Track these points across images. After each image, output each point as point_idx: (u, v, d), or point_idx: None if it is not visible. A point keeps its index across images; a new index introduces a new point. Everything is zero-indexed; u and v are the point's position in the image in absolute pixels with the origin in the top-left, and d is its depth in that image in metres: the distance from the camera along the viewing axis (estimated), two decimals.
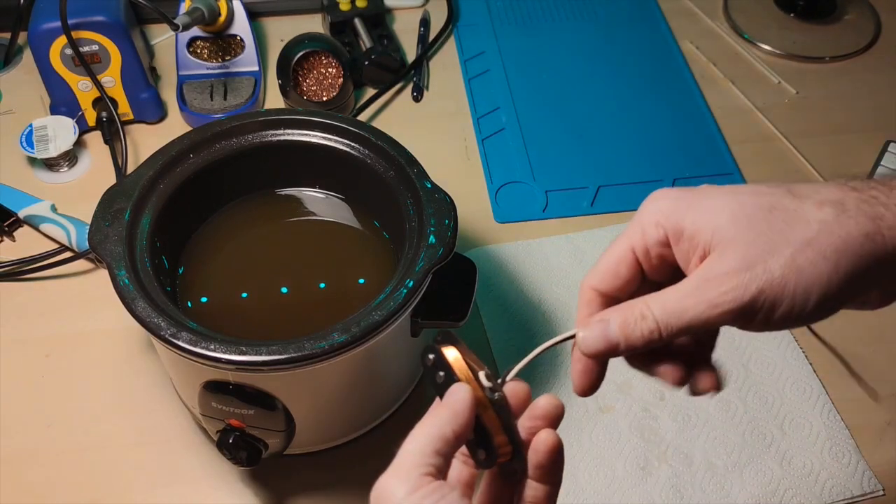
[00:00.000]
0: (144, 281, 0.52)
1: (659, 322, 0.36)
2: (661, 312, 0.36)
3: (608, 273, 0.39)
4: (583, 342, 0.38)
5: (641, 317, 0.36)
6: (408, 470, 0.35)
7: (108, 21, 0.76)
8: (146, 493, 0.59)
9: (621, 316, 0.37)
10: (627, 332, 0.37)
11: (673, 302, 0.36)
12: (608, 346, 0.37)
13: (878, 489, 0.61)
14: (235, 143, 0.60)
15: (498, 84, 0.90)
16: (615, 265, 0.39)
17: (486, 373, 0.38)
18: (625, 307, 0.37)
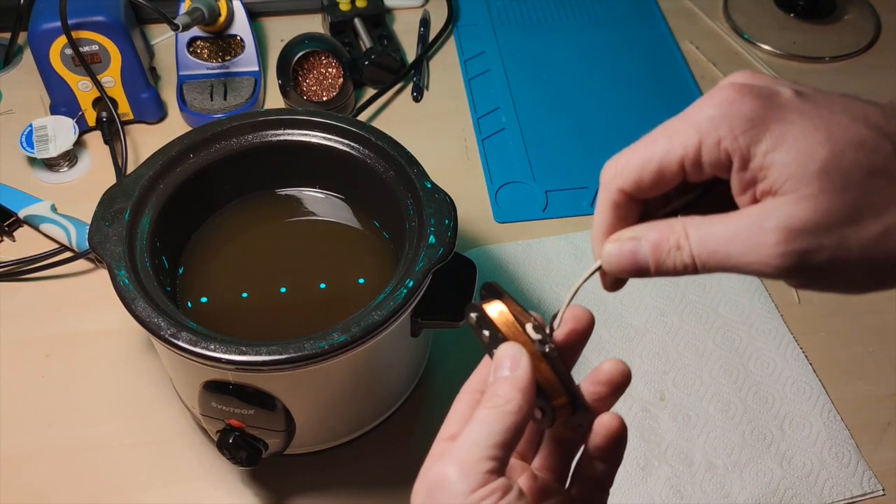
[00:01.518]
0: (144, 281, 0.52)
1: (696, 258, 0.31)
2: (701, 249, 0.31)
3: (645, 179, 0.33)
4: (608, 258, 0.34)
5: (677, 247, 0.32)
6: (473, 464, 0.32)
7: (108, 21, 0.76)
8: (146, 493, 0.59)
9: (656, 237, 0.32)
10: (659, 258, 0.32)
11: (717, 241, 0.31)
12: (636, 268, 0.33)
13: (878, 489, 0.61)
14: (235, 143, 0.60)
15: (498, 84, 0.90)
16: (655, 173, 0.32)
17: (533, 324, 0.35)
18: (661, 227, 0.32)
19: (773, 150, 0.30)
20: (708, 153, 0.31)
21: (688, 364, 0.67)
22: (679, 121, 0.32)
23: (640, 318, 0.70)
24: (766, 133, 0.30)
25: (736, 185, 0.31)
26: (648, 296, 0.71)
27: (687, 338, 0.69)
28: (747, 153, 0.30)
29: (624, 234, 0.33)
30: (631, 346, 0.68)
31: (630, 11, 1.00)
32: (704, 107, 0.31)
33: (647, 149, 0.32)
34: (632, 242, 0.33)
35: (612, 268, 0.34)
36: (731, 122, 0.30)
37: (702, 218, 0.32)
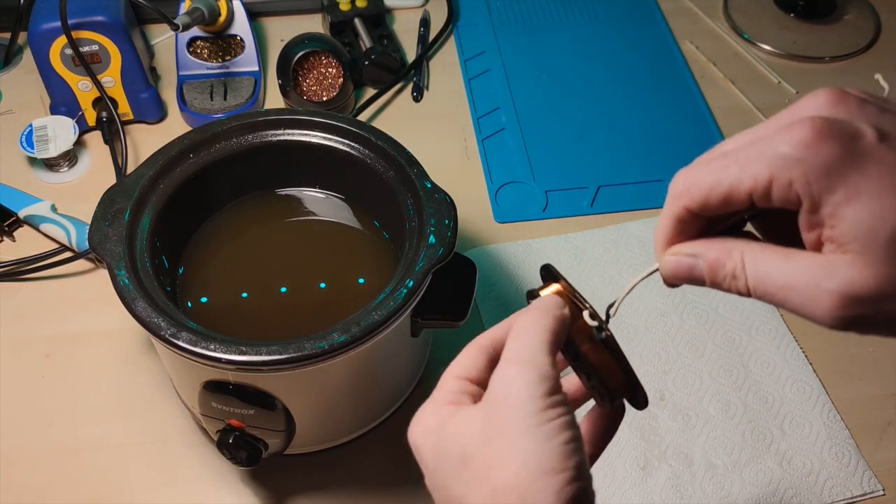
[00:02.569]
0: (144, 281, 0.52)
1: (751, 291, 0.31)
2: (757, 284, 0.31)
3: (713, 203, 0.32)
4: (666, 268, 0.35)
5: (733, 276, 0.32)
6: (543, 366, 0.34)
7: (108, 21, 0.76)
8: (146, 493, 0.59)
9: (713, 259, 0.33)
10: (715, 280, 0.33)
11: (774, 284, 0.31)
12: (692, 280, 0.34)
13: (878, 489, 0.61)
14: (235, 143, 0.60)
15: (498, 84, 0.90)
16: (723, 199, 0.32)
17: (590, 311, 0.37)
18: (719, 249, 0.32)
19: (846, 203, 0.29)
20: (778, 191, 0.30)
21: (688, 364, 0.67)
22: (753, 149, 0.31)
23: (641, 317, 0.70)
24: (840, 184, 0.29)
25: (804, 223, 0.31)
26: (648, 296, 0.71)
27: (687, 338, 0.69)
28: (819, 200, 0.29)
29: (684, 248, 0.34)
30: (631, 346, 0.68)
31: (630, 11, 1.00)
32: (780, 142, 0.30)
33: (718, 173, 0.32)
34: (690, 259, 0.33)
35: (668, 277, 0.35)
36: (805, 166, 0.29)
37: (761, 249, 0.32)
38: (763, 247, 0.32)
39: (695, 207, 0.33)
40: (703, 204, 0.32)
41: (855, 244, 0.29)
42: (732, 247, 0.32)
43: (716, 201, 0.32)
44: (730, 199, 0.31)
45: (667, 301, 0.71)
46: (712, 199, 0.32)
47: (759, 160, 0.30)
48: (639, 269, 0.72)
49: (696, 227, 0.34)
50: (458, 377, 0.37)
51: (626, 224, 0.77)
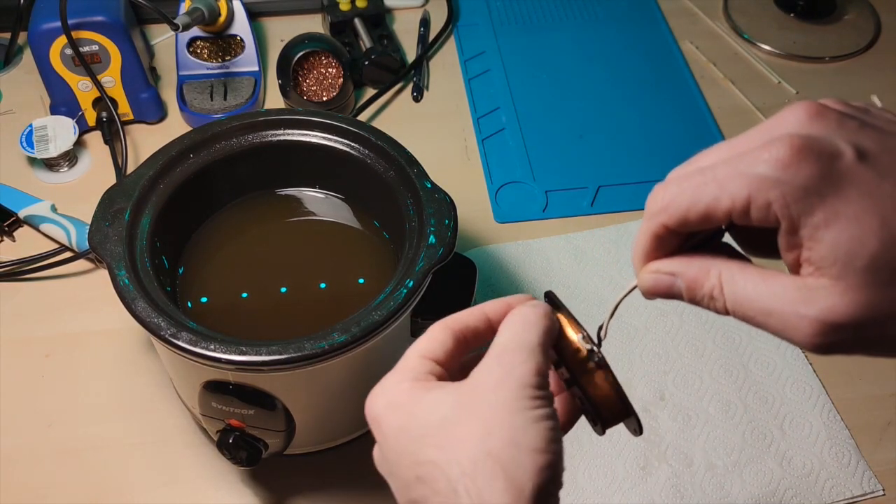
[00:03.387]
0: (144, 281, 0.52)
1: (730, 309, 0.32)
2: (735, 307, 0.31)
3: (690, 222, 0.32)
4: (644, 285, 0.35)
5: (710, 297, 0.32)
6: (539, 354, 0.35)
7: (108, 21, 0.76)
8: (146, 493, 0.59)
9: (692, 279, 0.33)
10: (693, 298, 0.33)
11: (753, 308, 0.31)
12: (670, 296, 0.34)
13: (878, 489, 0.61)
14: (235, 144, 0.60)
15: (498, 84, 0.90)
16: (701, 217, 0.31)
17: (583, 336, 0.38)
18: (698, 268, 0.33)
19: (824, 227, 0.29)
20: (757, 211, 0.30)
21: (688, 364, 0.67)
22: (730, 166, 0.31)
23: (640, 318, 0.70)
24: (819, 206, 0.29)
25: (783, 243, 0.30)
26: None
27: (687, 338, 0.69)
28: (797, 221, 0.29)
29: (662, 266, 0.34)
30: (631, 346, 0.68)
31: (630, 11, 1.00)
32: (758, 161, 0.30)
33: (695, 191, 0.31)
34: (668, 278, 0.34)
35: (647, 294, 0.35)
36: (783, 188, 0.29)
37: (739, 269, 0.32)
38: (741, 267, 0.32)
39: (673, 225, 0.32)
40: (681, 222, 0.32)
41: (833, 269, 0.29)
42: (711, 266, 0.32)
43: (694, 219, 0.32)
44: (708, 218, 0.31)
45: (666, 301, 0.70)
46: (691, 217, 0.32)
47: (737, 179, 0.30)
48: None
49: (675, 241, 0.34)
50: (423, 357, 0.37)
51: (626, 224, 0.77)
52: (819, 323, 0.29)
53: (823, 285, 0.29)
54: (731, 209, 0.30)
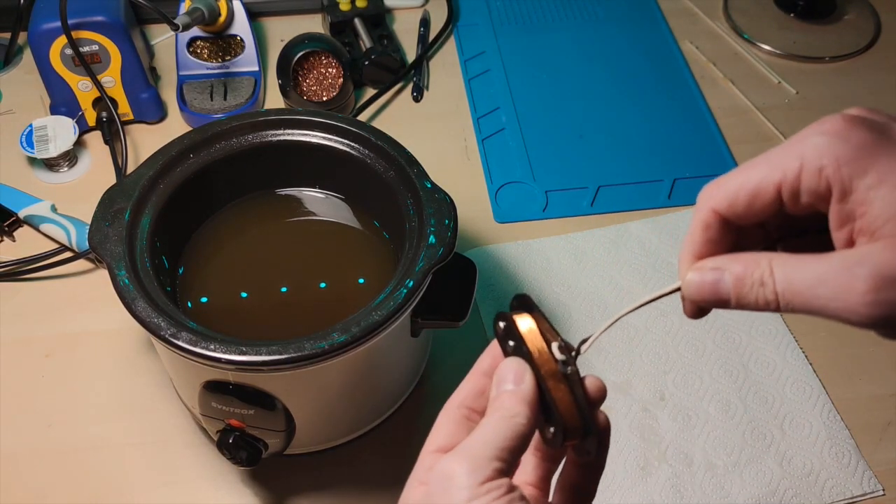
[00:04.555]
0: (144, 281, 0.52)
1: (780, 296, 0.30)
2: (785, 287, 0.30)
3: (740, 201, 0.31)
4: (688, 286, 0.33)
5: (761, 283, 0.30)
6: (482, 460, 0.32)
7: (108, 21, 0.76)
8: (146, 493, 0.59)
9: (740, 270, 0.31)
10: (741, 292, 0.31)
11: (803, 282, 0.29)
12: (717, 299, 0.32)
13: (878, 489, 0.61)
14: (235, 143, 0.60)
15: (498, 84, 0.90)
16: (750, 195, 0.31)
17: (559, 344, 0.36)
18: (746, 260, 0.31)
19: (878, 185, 0.28)
20: (807, 180, 0.29)
21: (688, 364, 0.67)
22: (783, 146, 0.31)
23: (640, 317, 0.70)
24: (872, 166, 0.28)
25: (834, 219, 0.30)
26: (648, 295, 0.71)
27: (687, 338, 0.69)
28: (849, 184, 0.28)
29: (708, 263, 0.32)
30: (631, 346, 0.68)
31: (630, 11, 1.00)
32: (811, 134, 0.30)
33: (747, 171, 0.31)
34: (715, 273, 0.32)
35: (691, 296, 0.33)
36: (836, 150, 0.29)
37: (790, 256, 0.30)
38: (793, 255, 0.30)
39: (722, 209, 0.32)
40: (730, 204, 0.31)
41: (888, 226, 0.28)
42: (760, 257, 0.31)
43: (744, 199, 0.31)
44: (758, 196, 0.30)
45: (667, 301, 0.70)
46: (740, 198, 0.31)
47: (789, 153, 0.30)
48: (639, 270, 0.73)
49: (725, 241, 0.33)
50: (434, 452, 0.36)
51: (626, 224, 0.77)
52: (873, 277, 0.27)
53: (878, 246, 0.28)
54: (783, 182, 0.30)
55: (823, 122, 0.30)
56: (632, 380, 0.66)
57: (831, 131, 0.29)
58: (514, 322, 0.36)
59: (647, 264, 0.73)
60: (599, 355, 0.67)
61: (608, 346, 0.68)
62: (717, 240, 0.33)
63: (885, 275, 0.28)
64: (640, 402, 0.65)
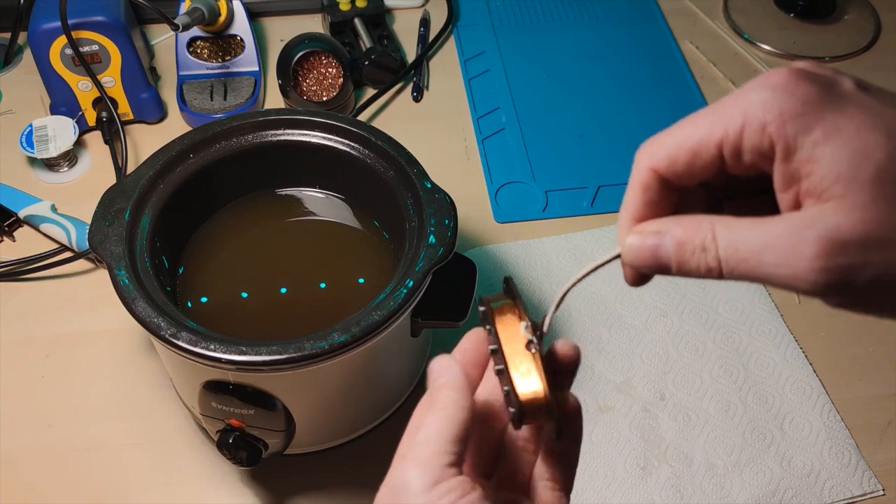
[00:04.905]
0: (144, 281, 0.52)
1: (723, 263, 0.28)
2: (729, 254, 0.28)
3: (680, 159, 0.29)
4: (629, 251, 0.31)
5: (703, 248, 0.28)
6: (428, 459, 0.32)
7: (108, 21, 0.76)
8: (146, 493, 0.59)
9: (682, 234, 0.29)
10: (682, 258, 0.29)
11: (748, 248, 0.27)
12: (657, 265, 0.30)
13: (878, 489, 0.61)
14: (235, 143, 0.60)
15: (498, 84, 0.90)
16: (691, 153, 0.29)
17: (526, 324, 0.36)
18: (688, 223, 0.29)
19: (824, 142, 0.26)
20: (750, 137, 0.27)
21: (688, 364, 0.67)
22: (726, 101, 0.29)
23: (641, 317, 0.70)
24: (818, 122, 0.26)
25: (778, 180, 0.28)
26: (648, 295, 0.71)
27: (687, 338, 0.69)
28: (794, 142, 0.26)
29: (648, 226, 0.31)
30: (631, 346, 0.68)
31: (630, 11, 1.00)
32: (755, 87, 0.28)
33: (686, 128, 0.29)
34: (655, 237, 0.30)
35: (632, 261, 0.31)
36: (780, 105, 0.27)
37: (734, 219, 0.28)
38: (738, 219, 0.28)
39: (661, 168, 0.30)
40: (670, 163, 0.29)
41: (837, 186, 0.26)
42: (703, 220, 0.29)
43: (684, 157, 0.29)
44: (698, 154, 0.29)
45: (667, 301, 0.71)
46: (680, 156, 0.29)
47: (733, 107, 0.28)
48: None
49: (666, 203, 0.31)
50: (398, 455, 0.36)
51: None
52: (823, 242, 0.26)
53: (827, 208, 0.26)
54: (724, 140, 0.28)
55: (769, 76, 0.28)
56: (632, 380, 0.66)
57: (776, 85, 0.27)
58: (490, 307, 0.37)
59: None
60: (600, 356, 0.67)
61: (608, 346, 0.68)
62: (657, 201, 0.31)
63: (835, 238, 0.26)
64: (640, 402, 0.65)
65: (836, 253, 0.26)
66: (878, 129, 0.26)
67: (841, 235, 0.26)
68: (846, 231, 0.26)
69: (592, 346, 0.68)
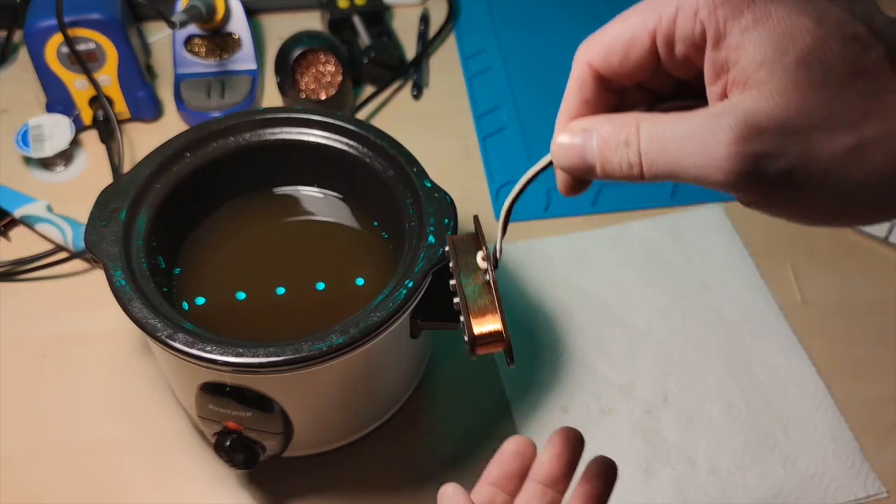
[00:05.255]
0: (141, 281, 0.51)
1: (643, 157, 0.28)
2: (651, 146, 0.28)
3: (615, 52, 0.30)
4: (557, 151, 0.31)
5: (626, 142, 0.28)
6: None
7: (104, 19, 0.75)
8: (143, 496, 0.59)
9: (608, 130, 0.29)
10: (606, 156, 0.29)
11: (669, 139, 0.27)
12: (583, 165, 0.30)
13: (882, 491, 0.60)
14: (233, 142, 0.60)
15: (498, 82, 0.89)
16: (625, 44, 0.29)
17: (482, 254, 0.38)
18: (616, 120, 0.29)
19: (753, 27, 0.26)
20: (682, 25, 0.27)
21: (691, 366, 0.66)
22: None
23: (643, 318, 0.69)
24: (748, 7, 0.26)
25: (708, 71, 0.28)
26: (651, 296, 0.70)
27: (690, 339, 0.68)
28: (723, 27, 0.26)
29: (578, 124, 0.30)
30: (633, 348, 0.67)
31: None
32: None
33: (624, 20, 0.29)
34: (583, 136, 0.30)
35: (559, 161, 0.31)
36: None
37: (661, 115, 0.28)
38: (664, 114, 0.28)
39: (597, 62, 0.30)
40: (605, 56, 0.29)
41: (760, 72, 0.26)
42: (631, 117, 0.29)
43: (619, 49, 0.29)
44: (633, 46, 0.29)
45: (669, 302, 0.70)
46: (615, 48, 0.29)
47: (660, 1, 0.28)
48: (642, 270, 0.72)
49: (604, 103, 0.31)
50: None
51: (628, 224, 0.76)
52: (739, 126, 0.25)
53: (749, 95, 0.26)
54: (657, 29, 0.28)
55: None
56: (634, 382, 0.65)
57: None
58: (452, 242, 0.40)
59: (649, 264, 0.73)
60: (602, 357, 0.67)
61: (610, 348, 0.67)
62: (593, 100, 0.31)
63: (752, 123, 0.25)
64: (642, 404, 0.64)
65: (751, 138, 0.25)
66: (807, 13, 0.26)
67: (758, 121, 0.25)
68: (763, 116, 0.25)
69: (594, 347, 0.67)
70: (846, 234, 0.76)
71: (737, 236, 0.74)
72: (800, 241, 0.75)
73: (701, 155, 0.26)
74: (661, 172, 0.28)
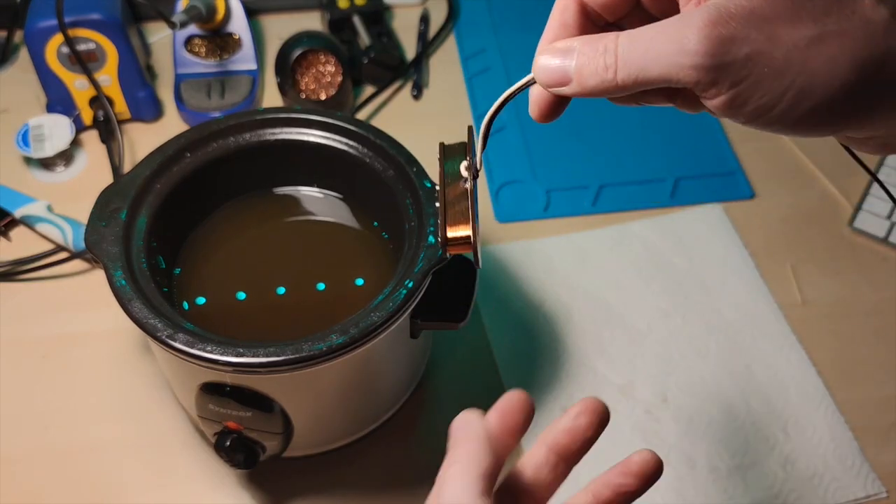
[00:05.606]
0: (141, 281, 0.51)
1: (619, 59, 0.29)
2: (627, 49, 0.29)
3: None
4: (537, 69, 0.32)
5: (604, 50, 0.29)
6: None
7: (104, 19, 0.75)
8: (143, 496, 0.59)
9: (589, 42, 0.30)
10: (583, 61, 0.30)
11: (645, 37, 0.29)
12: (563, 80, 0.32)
13: (882, 492, 0.60)
14: (233, 142, 0.60)
15: (499, 82, 0.89)
16: None
17: (466, 164, 0.41)
18: (597, 37, 0.30)
19: None
20: None
21: (690, 366, 0.66)
22: None
23: (643, 319, 0.69)
24: None
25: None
26: (651, 296, 0.70)
27: (689, 339, 0.68)
28: None
29: (559, 44, 0.32)
30: (633, 348, 0.67)
31: None
32: None
33: None
34: (564, 54, 0.31)
35: (541, 80, 0.32)
36: None
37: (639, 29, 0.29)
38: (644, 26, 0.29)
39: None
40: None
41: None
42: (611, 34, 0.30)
43: None
44: None
45: (669, 302, 0.70)
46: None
47: None
48: (642, 270, 0.72)
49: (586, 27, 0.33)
50: None
51: (628, 224, 0.76)
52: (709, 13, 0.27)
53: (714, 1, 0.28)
54: None
55: None
56: (634, 382, 0.65)
57: None
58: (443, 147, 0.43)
59: (649, 264, 0.73)
60: (602, 357, 0.67)
61: (610, 348, 0.67)
62: (573, 25, 0.33)
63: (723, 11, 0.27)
64: (642, 404, 0.64)
65: (720, 23, 0.27)
66: None
67: (727, 10, 0.27)
68: (733, 6, 0.27)
69: (594, 347, 0.67)
70: (846, 234, 0.76)
71: (737, 236, 0.74)
72: (800, 241, 0.75)
73: (672, 43, 0.28)
74: (633, 70, 0.29)
